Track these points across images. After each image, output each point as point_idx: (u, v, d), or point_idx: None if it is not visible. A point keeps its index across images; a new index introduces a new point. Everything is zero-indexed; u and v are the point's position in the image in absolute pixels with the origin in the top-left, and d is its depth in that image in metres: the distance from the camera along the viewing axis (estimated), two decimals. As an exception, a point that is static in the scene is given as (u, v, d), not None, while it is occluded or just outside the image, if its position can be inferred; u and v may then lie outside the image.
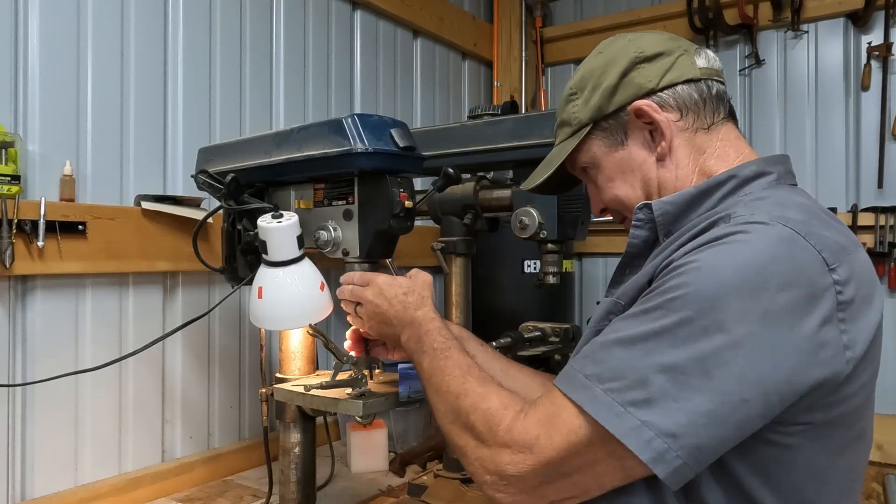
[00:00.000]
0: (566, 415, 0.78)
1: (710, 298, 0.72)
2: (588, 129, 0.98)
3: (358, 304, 1.16)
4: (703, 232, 0.80)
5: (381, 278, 1.15)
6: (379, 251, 1.29)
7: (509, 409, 0.84)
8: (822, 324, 0.72)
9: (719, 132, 0.94)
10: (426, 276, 1.16)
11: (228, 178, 1.32)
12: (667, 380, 0.72)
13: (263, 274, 1.29)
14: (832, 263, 0.75)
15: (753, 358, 0.71)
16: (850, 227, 2.46)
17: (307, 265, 1.30)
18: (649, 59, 0.94)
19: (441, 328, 1.04)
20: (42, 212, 1.44)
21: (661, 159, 0.94)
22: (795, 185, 0.93)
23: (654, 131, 0.94)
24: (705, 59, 0.95)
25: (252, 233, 1.33)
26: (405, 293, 1.11)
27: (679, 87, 0.93)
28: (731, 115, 0.97)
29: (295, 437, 1.47)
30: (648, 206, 0.92)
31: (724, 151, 0.93)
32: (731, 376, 0.71)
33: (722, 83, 0.96)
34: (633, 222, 0.93)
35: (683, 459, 0.71)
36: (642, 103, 0.92)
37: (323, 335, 1.41)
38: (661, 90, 0.92)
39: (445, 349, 0.99)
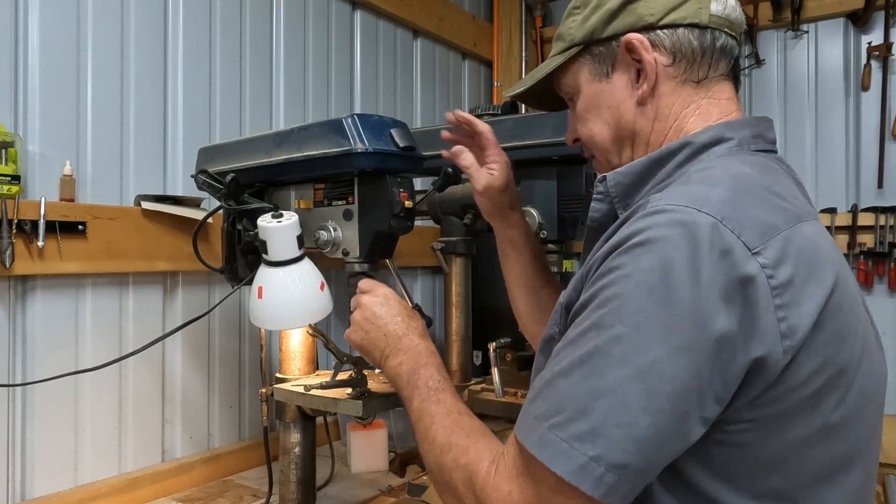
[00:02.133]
0: (529, 464, 0.72)
1: (639, 310, 0.68)
2: (578, 49, 0.92)
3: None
4: (627, 222, 0.75)
5: (388, 290, 1.11)
6: (379, 251, 1.29)
7: (483, 460, 0.79)
8: (749, 315, 0.67)
9: (710, 88, 0.87)
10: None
11: (228, 178, 1.32)
12: (609, 405, 0.67)
13: (263, 274, 1.29)
14: (755, 247, 0.68)
15: (687, 367, 0.66)
16: (849, 227, 2.46)
17: (307, 265, 1.30)
18: None
19: (440, 366, 0.98)
20: (42, 212, 1.44)
21: (641, 104, 0.88)
22: (763, 150, 0.86)
23: (640, 70, 0.87)
24: (723, 5, 0.86)
25: (252, 233, 1.33)
26: (410, 316, 1.07)
27: (680, 30, 0.85)
28: (733, 76, 0.90)
29: (295, 437, 1.47)
30: (605, 178, 0.87)
31: (708, 110, 0.87)
32: (672, 391, 0.66)
33: (734, 37, 0.88)
34: (593, 195, 0.89)
35: (633, 482, 0.68)
36: (634, 37, 0.85)
37: (323, 335, 1.41)
38: (661, 28, 0.85)
39: (440, 390, 0.93)
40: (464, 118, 1.24)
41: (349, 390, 1.31)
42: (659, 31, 0.85)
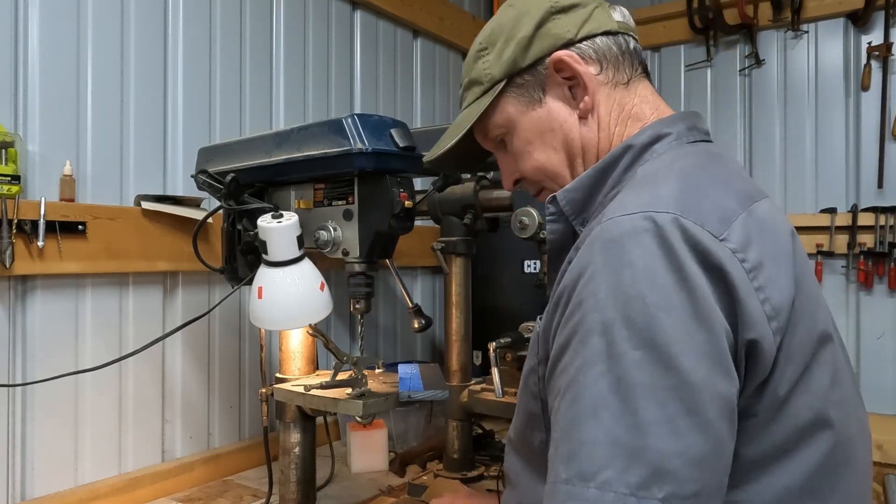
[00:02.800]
0: None
1: (643, 331, 0.64)
2: (502, 85, 0.90)
3: None
4: (587, 241, 0.73)
5: None
6: (379, 251, 1.29)
7: None
8: (733, 300, 0.66)
9: (637, 88, 0.89)
10: None
11: (228, 178, 1.32)
12: (657, 438, 0.62)
13: (263, 274, 1.29)
14: (720, 233, 0.68)
15: (713, 369, 0.64)
16: (849, 227, 2.46)
17: (307, 265, 1.30)
18: (565, 9, 0.88)
19: None
20: (42, 212, 1.44)
21: (583, 117, 0.88)
22: (700, 140, 0.86)
23: (574, 86, 0.88)
24: (621, 14, 0.90)
25: (252, 233, 1.33)
26: None
27: (598, 39, 0.87)
28: (646, 73, 0.92)
29: (295, 437, 1.47)
30: (555, 198, 0.87)
31: (641, 109, 0.88)
32: (711, 397, 0.63)
33: (636, 39, 0.91)
34: (547, 217, 0.88)
35: (709, 502, 0.64)
36: (563, 54, 0.86)
37: (323, 335, 1.41)
38: (580, 41, 0.87)
39: None
40: None
41: (349, 390, 1.31)
42: (580, 45, 0.87)
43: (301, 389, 1.37)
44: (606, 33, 0.88)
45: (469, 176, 1.77)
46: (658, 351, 0.64)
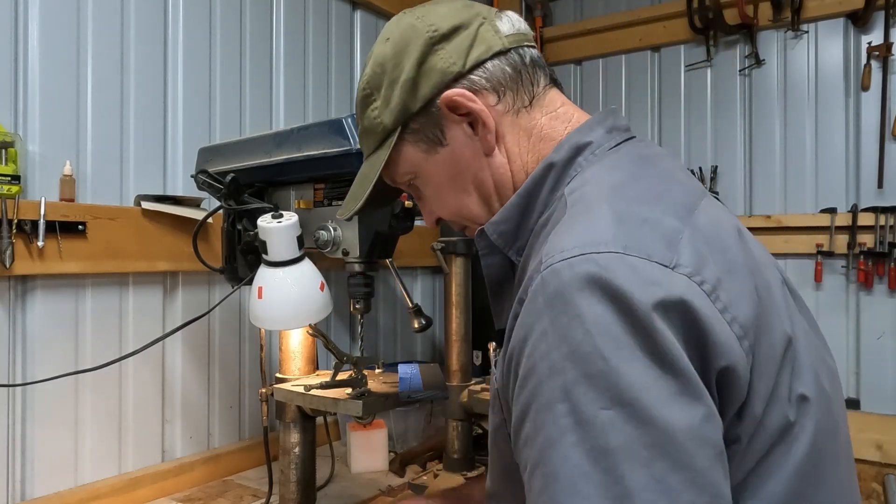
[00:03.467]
0: None
1: (610, 386, 0.59)
2: (396, 134, 0.83)
3: None
4: (528, 289, 0.66)
5: None
6: (379, 251, 1.29)
7: None
8: (700, 332, 0.61)
9: (542, 105, 0.82)
10: None
11: (228, 178, 1.32)
12: (650, 501, 0.56)
13: (263, 274, 1.29)
14: (670, 261, 0.62)
15: (695, 414, 0.59)
16: (849, 227, 2.46)
17: (307, 265, 1.30)
18: (446, 36, 0.79)
19: None
20: (42, 212, 1.44)
21: (489, 154, 0.81)
22: (623, 141, 0.80)
23: (473, 122, 0.80)
24: (508, 22, 0.82)
25: (252, 233, 1.33)
26: None
27: (488, 64, 0.79)
28: (553, 81, 0.84)
29: (295, 437, 1.47)
30: (483, 232, 0.81)
31: (552, 126, 0.81)
32: (696, 447, 0.58)
33: (534, 47, 0.83)
34: (479, 251, 0.82)
35: None
36: (453, 94, 0.78)
37: (323, 335, 1.41)
38: (469, 72, 0.79)
39: None
40: None
41: (349, 390, 1.31)
42: (470, 76, 0.79)
43: (301, 389, 1.37)
44: (497, 54, 0.80)
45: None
46: (629, 407, 0.58)
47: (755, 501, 0.66)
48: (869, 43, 2.50)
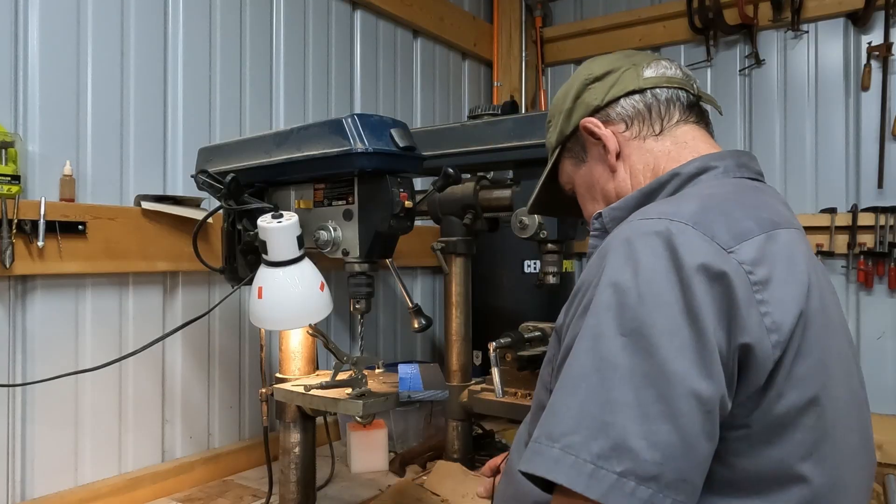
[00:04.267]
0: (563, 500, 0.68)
1: (633, 319, 0.68)
2: (558, 151, 1.05)
3: None
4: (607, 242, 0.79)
5: None
6: (379, 251, 1.29)
7: None
8: (731, 306, 0.68)
9: (674, 135, 0.95)
10: None
11: (228, 178, 1.32)
12: (627, 417, 0.66)
13: (263, 274, 1.29)
14: (730, 246, 0.72)
15: (693, 364, 0.66)
16: (849, 227, 2.46)
17: (307, 265, 1.30)
18: (599, 78, 0.99)
19: None
20: (42, 212, 1.44)
21: (613, 170, 0.98)
22: (746, 177, 0.90)
23: (605, 145, 0.97)
24: (655, 69, 0.98)
25: (252, 233, 1.33)
26: None
27: (622, 100, 0.96)
28: (696, 117, 0.97)
29: (295, 437, 1.47)
30: (601, 215, 0.93)
31: (679, 153, 0.94)
32: (685, 391, 0.66)
33: (679, 88, 0.97)
34: (591, 231, 0.94)
35: (672, 496, 0.65)
36: (586, 121, 0.98)
37: (323, 335, 1.41)
38: (606, 106, 0.97)
39: None
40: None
41: (349, 390, 1.31)
42: (607, 109, 0.97)
43: (301, 389, 1.37)
44: (632, 92, 0.96)
45: (469, 176, 1.77)
46: (643, 339, 0.67)
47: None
48: (869, 43, 2.50)
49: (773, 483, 0.72)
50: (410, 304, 1.37)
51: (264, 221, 1.26)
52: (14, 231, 1.40)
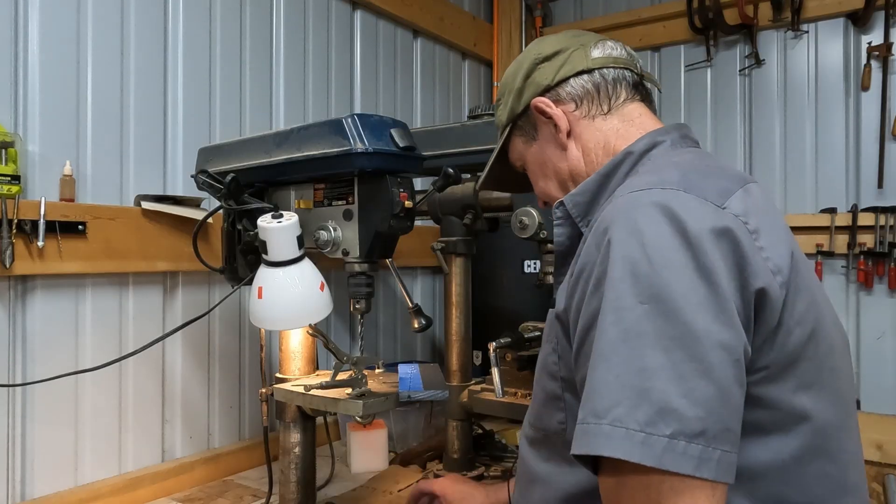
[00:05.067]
0: (619, 473, 0.70)
1: (651, 284, 0.71)
2: (508, 128, 1.09)
3: None
4: (601, 217, 0.81)
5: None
6: (379, 251, 1.29)
7: None
8: (740, 255, 0.72)
9: (621, 113, 1.00)
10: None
11: (228, 178, 1.32)
12: (664, 381, 0.68)
13: (263, 274, 1.29)
14: (721, 203, 0.76)
15: (715, 319, 0.69)
16: (849, 227, 2.46)
17: (307, 265, 1.30)
18: (548, 58, 1.02)
19: None
20: (42, 212, 1.44)
21: (564, 149, 1.01)
22: (691, 147, 0.97)
23: (556, 124, 1.01)
24: (602, 49, 1.01)
25: (252, 233, 1.33)
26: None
27: (571, 80, 1.00)
28: (641, 96, 1.02)
29: (295, 437, 1.47)
30: (562, 203, 0.96)
31: (626, 130, 0.98)
32: (712, 346, 0.68)
33: (625, 69, 1.01)
34: (554, 220, 0.97)
35: (721, 449, 0.67)
36: (537, 100, 1.01)
37: (323, 335, 1.41)
38: (556, 85, 1.01)
39: None
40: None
41: (349, 390, 1.31)
42: (556, 89, 1.01)
43: (301, 389, 1.37)
44: (580, 73, 1.00)
45: (469, 176, 1.77)
46: (663, 304, 0.70)
47: (784, 443, 0.76)
48: (869, 43, 2.50)
49: (790, 417, 0.76)
50: (410, 304, 1.37)
51: (264, 221, 1.26)
52: (14, 231, 1.40)
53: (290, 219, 1.26)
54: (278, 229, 1.25)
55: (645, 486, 0.68)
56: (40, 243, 1.43)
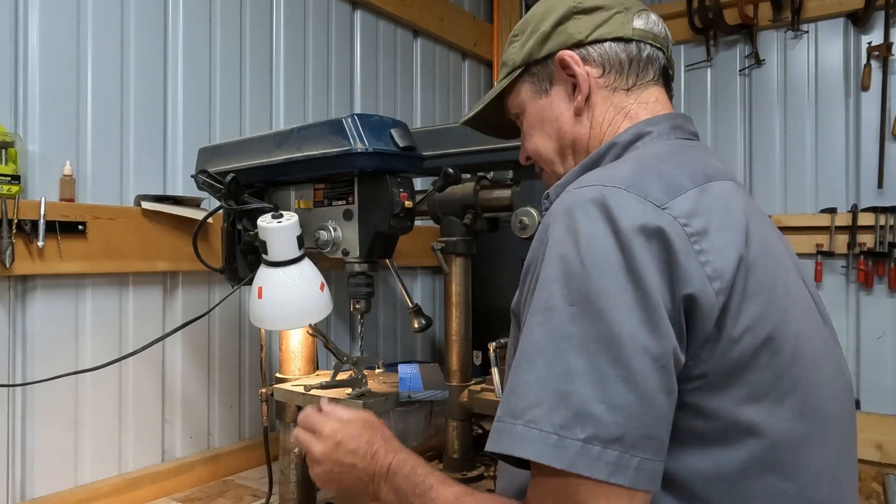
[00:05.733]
0: (536, 477, 0.71)
1: (577, 286, 0.69)
2: (520, 71, 0.99)
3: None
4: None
5: (329, 426, 1.03)
6: (379, 251, 1.29)
7: None
8: (670, 259, 0.69)
9: (639, 94, 0.93)
10: (367, 416, 1.06)
11: (228, 178, 1.32)
12: (584, 384, 0.67)
13: (263, 274, 1.29)
14: (663, 203, 0.72)
15: (641, 323, 0.67)
16: (849, 227, 2.46)
17: (307, 265, 1.30)
18: (586, 11, 0.93)
19: (417, 465, 0.93)
20: (42, 212, 1.44)
21: (577, 114, 0.94)
22: (681, 138, 0.90)
23: (576, 84, 0.93)
24: (645, 21, 0.94)
25: (252, 233, 1.33)
26: (368, 441, 1.00)
27: (607, 44, 0.92)
28: (663, 82, 0.96)
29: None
30: (549, 194, 0.93)
31: (637, 113, 0.92)
32: (636, 350, 0.67)
33: (660, 49, 0.94)
34: (542, 210, 0.93)
35: (640, 456, 0.66)
36: (566, 54, 0.92)
37: (323, 335, 1.41)
38: (589, 44, 0.92)
39: (426, 489, 0.87)
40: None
41: (349, 390, 1.31)
42: (588, 47, 0.92)
43: (301, 389, 1.37)
44: (618, 39, 0.92)
45: (469, 176, 1.77)
46: (590, 306, 0.69)
47: (728, 457, 0.72)
48: (869, 43, 2.50)
49: (734, 429, 0.72)
50: (410, 304, 1.37)
51: (264, 221, 1.26)
52: (14, 231, 1.40)
53: (290, 219, 1.26)
54: (278, 229, 1.25)
55: (563, 486, 0.68)
56: (40, 243, 1.43)
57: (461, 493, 0.83)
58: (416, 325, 1.36)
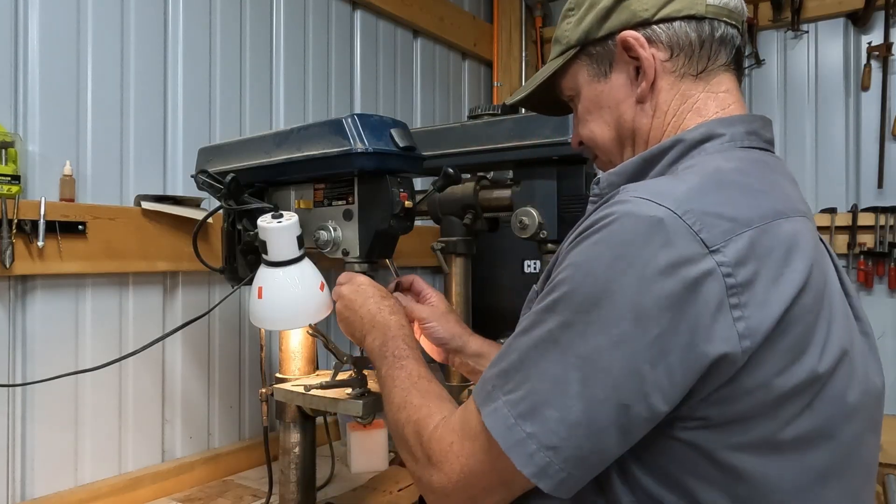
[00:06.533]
0: (474, 421, 0.76)
1: (585, 300, 0.68)
2: (575, 51, 0.89)
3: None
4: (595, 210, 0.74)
5: (363, 278, 1.17)
6: (379, 251, 1.29)
7: (433, 416, 0.82)
8: (699, 314, 0.64)
9: (709, 81, 0.84)
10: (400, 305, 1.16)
11: (228, 178, 1.32)
12: (549, 389, 0.69)
13: (263, 274, 1.29)
14: (715, 244, 0.65)
15: (624, 360, 0.65)
16: (849, 227, 2.46)
17: (307, 265, 1.30)
18: None
19: (407, 336, 1.02)
20: (42, 212, 1.44)
21: (640, 101, 0.85)
22: (756, 147, 0.82)
23: (638, 69, 0.84)
24: None
25: (252, 233, 1.33)
26: (383, 297, 1.12)
27: (677, 23, 0.82)
28: (735, 65, 0.87)
29: (295, 437, 1.47)
30: (599, 180, 0.86)
31: (705, 104, 0.84)
32: (607, 382, 0.66)
33: (734, 26, 0.86)
34: (589, 198, 0.86)
35: (567, 472, 0.68)
36: (629, 35, 0.82)
37: (323, 335, 1.41)
38: (656, 23, 0.82)
39: (403, 357, 0.97)
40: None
41: (349, 390, 1.31)
42: (655, 27, 0.82)
43: (301, 389, 1.37)
44: (690, 17, 0.82)
45: (469, 176, 1.77)
46: (587, 325, 0.68)
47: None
48: (869, 43, 2.50)
49: (731, 474, 0.70)
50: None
51: (264, 221, 1.26)
52: (14, 231, 1.40)
53: (290, 219, 1.26)
54: (278, 229, 1.25)
55: (502, 460, 0.71)
56: (40, 243, 1.43)
57: (425, 375, 0.92)
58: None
